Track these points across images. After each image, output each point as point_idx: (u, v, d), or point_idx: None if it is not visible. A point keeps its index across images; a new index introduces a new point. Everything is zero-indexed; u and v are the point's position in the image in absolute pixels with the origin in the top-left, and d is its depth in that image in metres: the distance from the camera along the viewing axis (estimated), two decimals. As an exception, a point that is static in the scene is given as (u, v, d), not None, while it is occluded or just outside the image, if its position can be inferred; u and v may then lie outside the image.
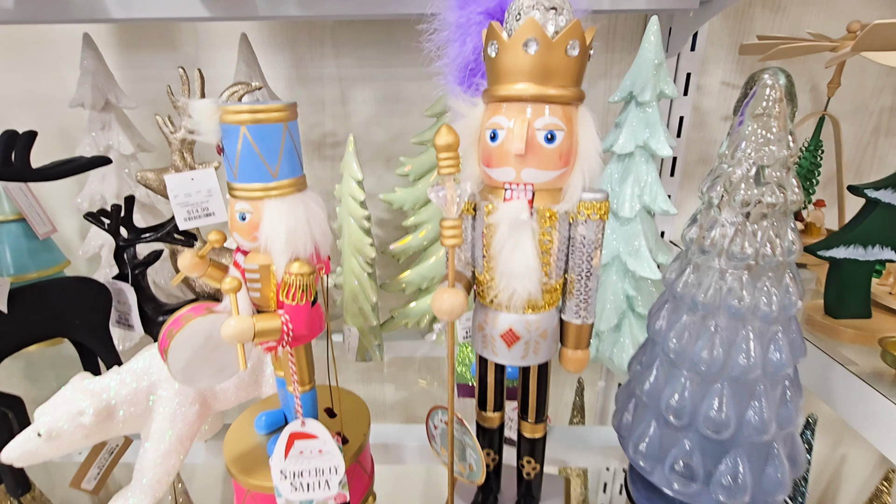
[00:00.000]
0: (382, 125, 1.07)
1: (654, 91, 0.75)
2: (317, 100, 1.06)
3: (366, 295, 0.85)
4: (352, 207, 0.83)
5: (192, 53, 1.02)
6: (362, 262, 0.84)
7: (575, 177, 0.42)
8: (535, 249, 0.41)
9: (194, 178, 0.73)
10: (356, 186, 0.81)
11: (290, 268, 0.44)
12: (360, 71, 1.03)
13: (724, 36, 1.02)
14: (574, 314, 0.46)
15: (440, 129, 0.38)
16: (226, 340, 0.42)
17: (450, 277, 0.42)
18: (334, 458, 0.50)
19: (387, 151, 1.09)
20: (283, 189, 0.44)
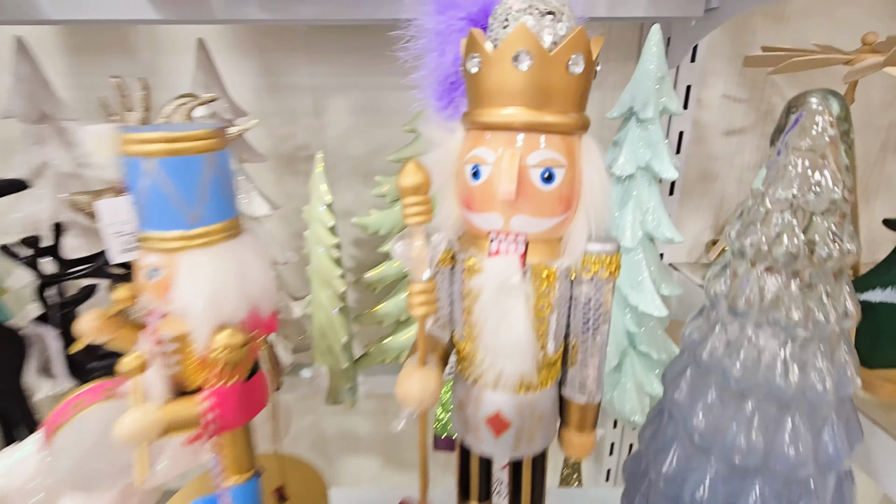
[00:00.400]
0: (360, 138, 0.97)
1: (656, 107, 0.67)
2: (288, 110, 0.97)
3: (335, 333, 0.75)
4: (319, 234, 0.73)
5: (149, 60, 0.91)
6: (331, 295, 0.74)
7: (578, 224, 0.33)
8: (528, 320, 0.32)
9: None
10: (325, 211, 0.72)
11: (215, 340, 0.34)
12: (336, 80, 0.94)
13: (724, 47, 0.94)
14: (578, 391, 0.37)
15: (405, 167, 0.29)
16: (120, 443, 0.32)
17: (420, 354, 0.33)
18: None
19: (365, 167, 0.99)
20: (206, 238, 0.34)
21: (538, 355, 0.34)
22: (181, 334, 0.35)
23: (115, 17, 0.71)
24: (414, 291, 0.31)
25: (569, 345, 0.37)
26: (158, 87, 0.94)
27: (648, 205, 0.70)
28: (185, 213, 0.33)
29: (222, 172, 0.35)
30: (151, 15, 0.70)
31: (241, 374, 0.35)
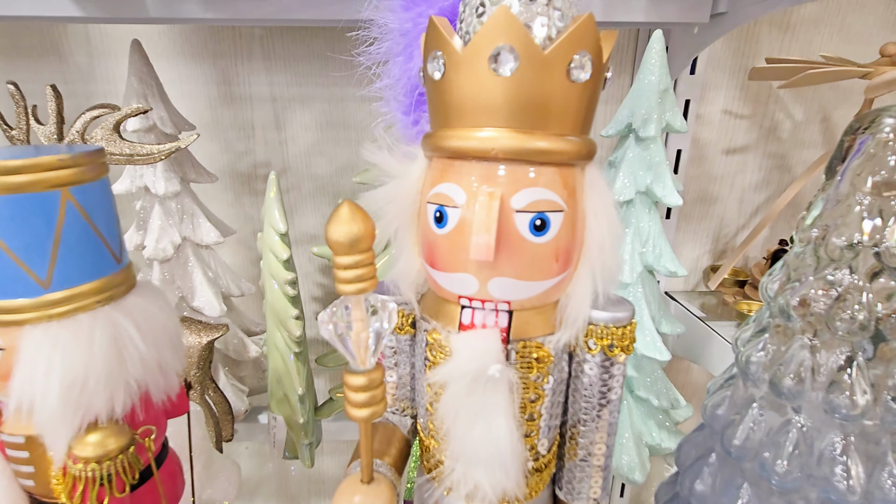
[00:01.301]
0: (326, 155, 0.88)
1: (658, 124, 0.59)
2: (246, 123, 0.87)
3: (291, 382, 0.65)
4: (273, 267, 0.63)
5: (83, 63, 0.81)
6: (287, 339, 0.64)
7: (580, 285, 0.25)
8: (513, 422, 0.23)
9: None
10: (279, 241, 0.62)
11: (81, 446, 0.24)
12: (297, 89, 0.85)
13: (726, 58, 0.88)
14: (579, 495, 0.28)
15: (336, 212, 0.20)
16: None
17: (363, 465, 0.23)
18: None
19: (333, 187, 0.90)
20: (65, 305, 0.24)
21: (526, 463, 0.25)
22: (32, 437, 0.25)
23: (33, 13, 0.61)
24: (352, 386, 0.22)
25: (565, 434, 0.28)
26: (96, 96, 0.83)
27: (648, 234, 0.62)
28: (28, 275, 0.23)
29: (89, 215, 0.25)
30: (74, 12, 0.60)
31: (120, 488, 0.25)
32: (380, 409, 0.22)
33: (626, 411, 0.68)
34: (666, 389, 0.66)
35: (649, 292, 0.65)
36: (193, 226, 0.69)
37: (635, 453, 0.66)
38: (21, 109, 0.50)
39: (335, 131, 0.88)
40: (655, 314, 0.65)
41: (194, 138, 0.62)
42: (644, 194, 0.61)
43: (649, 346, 0.62)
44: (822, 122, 0.92)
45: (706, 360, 0.77)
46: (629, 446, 0.67)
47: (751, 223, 0.94)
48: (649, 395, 0.66)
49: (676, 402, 0.66)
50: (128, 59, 0.65)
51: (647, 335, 0.63)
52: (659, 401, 0.65)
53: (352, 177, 0.85)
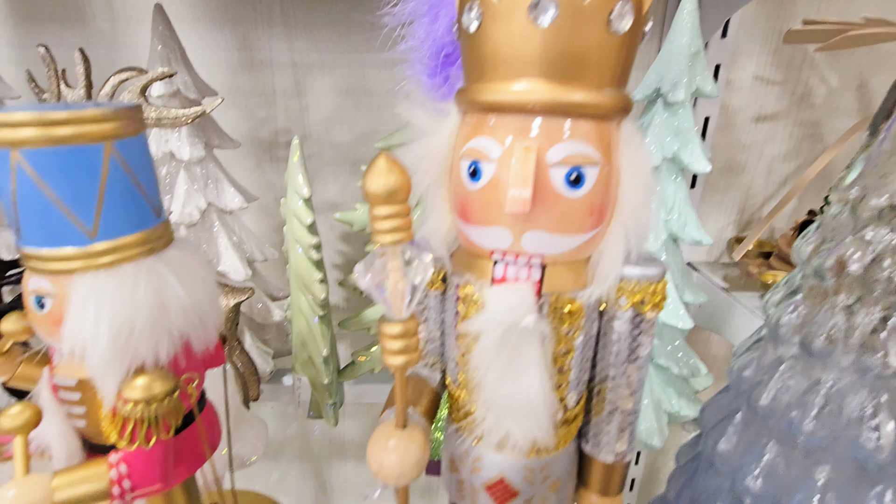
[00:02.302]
0: (347, 122, 0.88)
1: (688, 88, 0.57)
2: (267, 89, 0.87)
3: (316, 344, 0.66)
4: (297, 232, 0.64)
5: (106, 29, 0.82)
6: (311, 301, 0.65)
7: (613, 241, 0.25)
8: (545, 373, 0.24)
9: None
10: (303, 206, 0.63)
11: (129, 390, 0.26)
12: (317, 55, 0.84)
13: (759, 21, 0.84)
14: (604, 448, 0.29)
15: (374, 165, 0.21)
16: (-2, 528, 0.24)
17: (398, 413, 0.24)
18: None
19: (353, 154, 0.90)
20: (111, 255, 0.25)
21: (556, 414, 0.26)
22: (84, 380, 0.27)
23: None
24: (389, 334, 0.23)
25: (593, 390, 0.29)
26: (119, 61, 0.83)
27: (674, 202, 0.62)
28: (77, 225, 0.24)
29: (135, 164, 0.26)
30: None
31: (165, 430, 0.27)
32: (414, 357, 0.23)
33: (647, 381, 0.69)
34: (687, 358, 0.66)
35: (673, 261, 0.64)
36: (218, 191, 0.70)
37: (654, 419, 0.67)
38: (52, 72, 0.51)
39: (356, 98, 0.87)
40: (679, 282, 0.64)
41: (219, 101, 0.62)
42: (671, 161, 0.60)
43: (671, 314, 0.62)
44: (859, 89, 0.89)
45: (728, 330, 0.76)
46: (648, 413, 0.68)
47: (778, 194, 0.92)
48: (670, 363, 0.66)
49: (697, 371, 0.66)
50: (150, 24, 0.65)
51: (670, 303, 0.63)
52: (679, 369, 0.65)
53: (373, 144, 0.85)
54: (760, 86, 0.86)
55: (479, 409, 0.25)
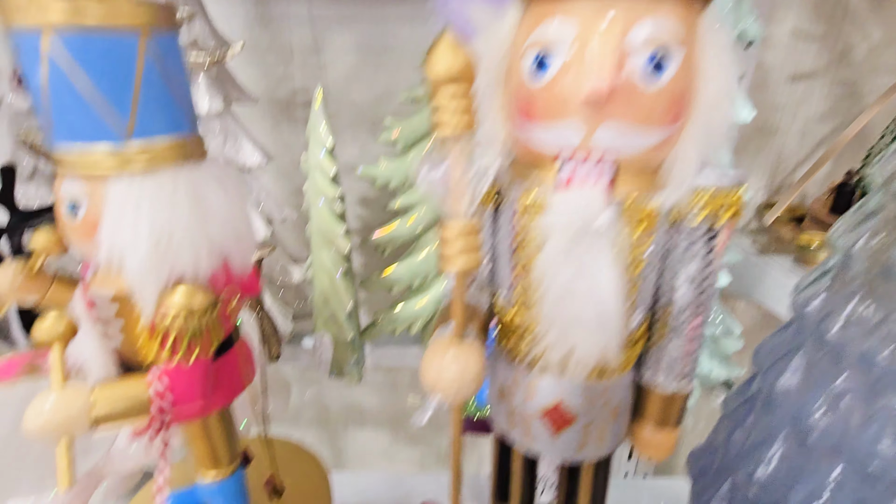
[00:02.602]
0: (365, 81, 0.85)
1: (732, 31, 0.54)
2: (284, 47, 0.84)
3: (339, 299, 0.65)
4: (320, 185, 0.62)
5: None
6: (334, 256, 0.64)
7: (689, 144, 0.23)
8: (618, 280, 0.22)
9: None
10: (325, 156, 0.61)
11: (170, 300, 0.24)
12: (336, 10, 0.81)
13: (799, -29, 0.80)
14: (664, 375, 0.27)
15: (436, 46, 0.19)
16: (37, 435, 0.22)
17: (457, 324, 0.23)
18: None
19: (371, 114, 0.88)
20: (148, 157, 0.24)
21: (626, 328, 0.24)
22: (120, 293, 0.25)
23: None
24: (450, 235, 0.21)
25: (655, 315, 0.27)
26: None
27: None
28: (112, 120, 0.22)
29: (169, 65, 0.24)
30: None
31: (205, 348, 0.25)
32: (475, 259, 0.21)
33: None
34: (721, 317, 0.64)
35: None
36: (237, 148, 0.68)
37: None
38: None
39: (375, 55, 0.85)
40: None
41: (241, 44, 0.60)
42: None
43: (706, 271, 0.60)
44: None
45: (760, 294, 0.74)
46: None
47: (812, 157, 0.88)
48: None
49: (730, 331, 0.64)
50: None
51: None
52: (713, 328, 0.64)
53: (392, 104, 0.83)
54: (798, 42, 0.82)
55: (541, 325, 0.24)
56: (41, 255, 0.27)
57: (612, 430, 0.28)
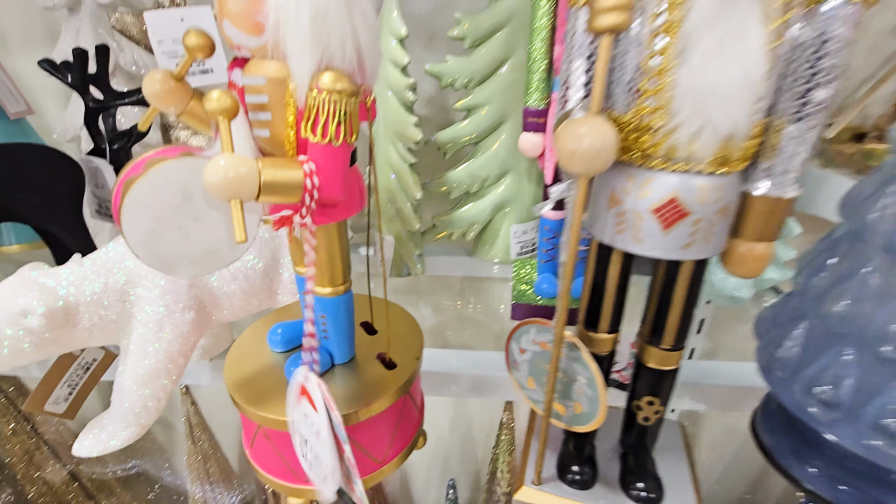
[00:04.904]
0: (425, -10, 0.85)
1: None
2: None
3: (406, 191, 0.67)
4: (391, 76, 0.63)
5: None
6: (402, 149, 0.66)
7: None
8: (764, 42, 0.23)
9: (184, 18, 0.54)
10: (397, 46, 0.62)
11: (320, 80, 0.26)
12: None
13: None
14: (771, 179, 0.29)
15: None
16: (213, 192, 0.25)
17: (597, 91, 0.24)
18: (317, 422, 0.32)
19: (429, 27, 0.87)
20: (307, -66, 0.25)
21: (759, 101, 0.25)
22: (273, 78, 0.27)
23: None
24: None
25: (770, 124, 0.28)
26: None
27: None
28: None
29: None
30: None
31: (348, 132, 0.28)
32: (626, 19, 0.22)
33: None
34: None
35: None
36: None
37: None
38: None
39: (436, -37, 0.83)
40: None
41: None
42: None
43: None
44: None
45: (817, 206, 0.74)
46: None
47: (879, 74, 0.86)
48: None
49: (790, 231, 0.64)
50: None
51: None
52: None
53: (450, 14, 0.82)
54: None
55: (676, 101, 0.25)
56: (191, 59, 0.29)
57: (720, 231, 0.29)
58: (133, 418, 0.44)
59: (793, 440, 0.44)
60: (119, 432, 0.44)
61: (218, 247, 0.30)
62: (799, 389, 0.38)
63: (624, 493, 0.39)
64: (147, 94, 0.30)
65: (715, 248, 0.30)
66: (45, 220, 0.54)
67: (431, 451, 0.53)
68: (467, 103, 0.69)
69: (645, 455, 0.41)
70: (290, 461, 0.37)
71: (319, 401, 0.31)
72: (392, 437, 0.40)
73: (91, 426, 0.45)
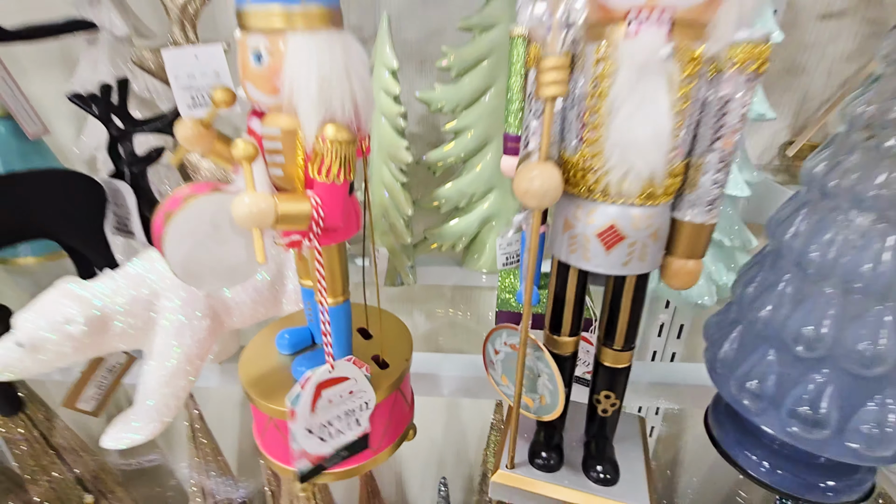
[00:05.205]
0: (417, 20, 0.92)
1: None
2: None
3: (399, 208, 0.74)
4: (384, 104, 0.70)
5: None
6: (395, 169, 0.72)
7: (729, 8, 0.29)
8: (670, 106, 0.29)
9: (198, 55, 0.60)
10: (390, 78, 0.68)
11: (324, 131, 0.33)
12: (390, -51, 0.87)
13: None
14: (693, 209, 0.35)
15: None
16: (239, 223, 0.31)
17: (543, 145, 0.31)
18: (366, 394, 0.41)
19: (421, 52, 0.94)
20: (313, 19, 0.32)
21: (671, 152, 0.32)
22: (286, 129, 0.34)
23: None
24: (546, 67, 0.28)
25: (691, 161, 0.34)
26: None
27: (741, 75, 0.65)
28: (294, -15, 0.30)
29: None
30: None
31: (347, 172, 0.34)
32: (563, 89, 0.29)
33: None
34: (740, 230, 0.71)
35: (734, 137, 0.68)
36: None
37: (705, 287, 0.73)
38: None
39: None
40: (739, 161, 0.68)
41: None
42: (742, 34, 0.63)
43: (732, 185, 0.67)
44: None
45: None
46: (700, 281, 0.73)
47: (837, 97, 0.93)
48: (723, 236, 0.71)
49: (748, 242, 0.71)
50: None
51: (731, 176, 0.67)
52: (731, 240, 0.71)
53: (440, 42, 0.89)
54: (830, -19, 0.86)
55: (606, 149, 0.31)
56: (217, 109, 0.36)
57: (653, 251, 0.36)
58: (156, 414, 0.49)
59: (737, 432, 0.50)
60: (143, 427, 0.50)
61: (240, 265, 0.36)
62: (734, 385, 0.44)
63: (585, 476, 0.45)
64: (179, 137, 0.36)
65: (650, 265, 0.37)
66: (72, 237, 0.60)
67: (426, 455, 0.59)
68: (454, 126, 0.75)
69: (605, 443, 0.47)
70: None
71: (349, 369, 0.38)
72: (385, 427, 0.46)
73: (117, 421, 0.51)
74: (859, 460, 0.40)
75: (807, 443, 0.41)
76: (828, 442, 0.40)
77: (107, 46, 0.76)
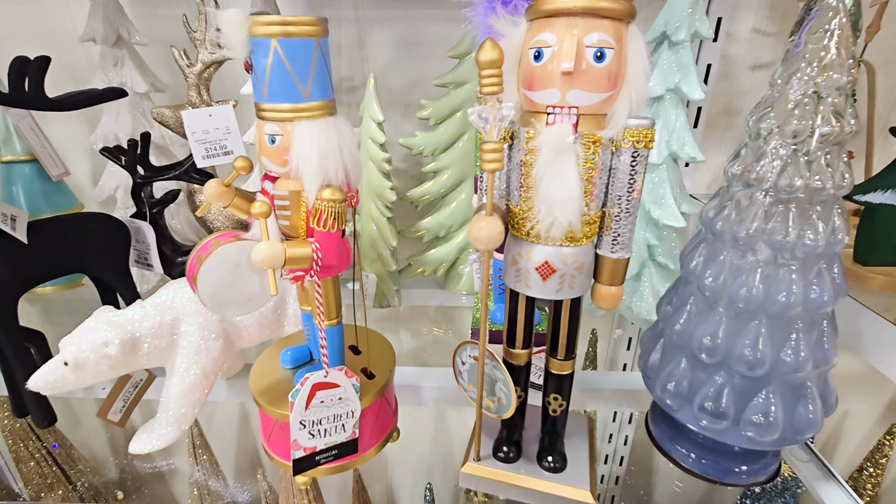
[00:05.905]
0: (401, 70, 1.03)
1: (688, 30, 0.71)
2: (333, 43, 1.02)
3: (385, 240, 0.83)
4: (371, 151, 0.80)
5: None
6: (381, 206, 0.82)
7: (621, 101, 0.40)
8: (578, 176, 0.40)
9: (212, 114, 0.71)
10: (376, 128, 0.79)
11: (322, 193, 0.43)
12: (378, 12, 0.99)
13: (759, -22, 0.96)
14: (609, 248, 0.45)
15: (484, 45, 0.36)
16: (256, 265, 0.41)
17: (488, 204, 0.41)
18: (352, 404, 0.50)
19: (405, 98, 1.06)
20: (314, 111, 0.42)
21: (583, 210, 0.42)
22: (292, 191, 0.44)
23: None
24: (487, 149, 0.39)
25: (606, 213, 0.45)
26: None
27: (675, 126, 0.76)
28: (298, 88, 0.40)
29: (325, 57, 0.42)
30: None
31: (340, 223, 0.44)
32: (500, 165, 0.39)
33: (648, 274, 0.85)
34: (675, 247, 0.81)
35: (672, 176, 0.79)
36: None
37: (653, 306, 0.83)
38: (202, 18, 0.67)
39: (409, 49, 1.02)
40: (676, 195, 0.79)
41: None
42: (673, 91, 0.75)
43: (669, 216, 0.77)
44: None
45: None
46: (648, 300, 0.84)
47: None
48: (668, 261, 0.81)
49: (689, 266, 0.81)
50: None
51: (668, 209, 0.78)
52: (675, 265, 0.81)
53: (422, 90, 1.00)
54: (757, 37, 0.99)
55: (535, 206, 0.42)
56: (237, 174, 0.45)
57: (580, 281, 0.46)
58: (176, 422, 0.58)
59: (670, 429, 0.60)
60: (164, 435, 0.58)
61: (255, 296, 0.45)
62: (659, 387, 0.54)
63: (538, 465, 0.54)
64: (206, 194, 0.46)
65: (579, 291, 0.47)
66: (103, 270, 0.69)
67: (415, 468, 0.67)
68: (433, 167, 0.86)
69: (556, 438, 0.56)
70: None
71: (340, 377, 0.47)
72: (372, 429, 0.55)
73: (142, 430, 0.59)
74: (754, 445, 0.49)
75: (714, 432, 0.51)
76: (729, 431, 0.50)
77: (128, 101, 0.86)
